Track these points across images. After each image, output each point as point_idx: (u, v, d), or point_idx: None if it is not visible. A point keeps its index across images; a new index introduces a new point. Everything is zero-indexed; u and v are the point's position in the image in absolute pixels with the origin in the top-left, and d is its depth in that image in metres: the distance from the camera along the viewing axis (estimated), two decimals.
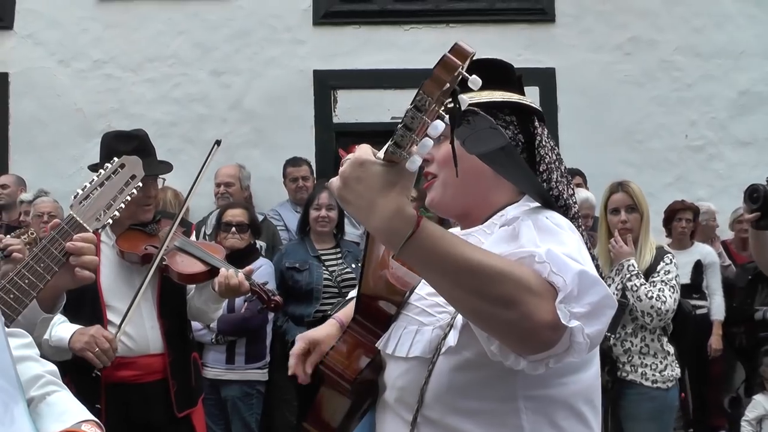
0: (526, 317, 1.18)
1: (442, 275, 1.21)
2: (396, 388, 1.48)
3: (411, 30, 6.68)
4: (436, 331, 1.42)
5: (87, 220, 1.94)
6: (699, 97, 6.76)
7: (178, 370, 3.07)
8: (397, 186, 1.18)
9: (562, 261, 1.23)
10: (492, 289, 1.18)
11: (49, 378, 1.54)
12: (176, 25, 6.63)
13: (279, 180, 6.13)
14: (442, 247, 1.20)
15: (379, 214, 1.17)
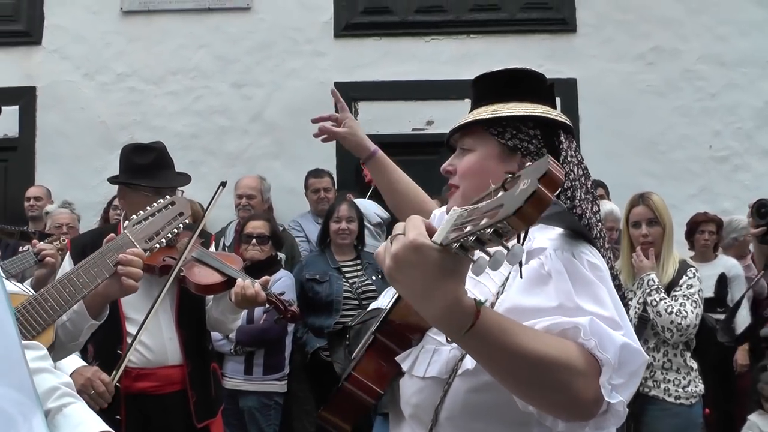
0: (574, 399, 1.21)
1: (497, 365, 1.20)
2: (411, 404, 1.47)
3: (432, 41, 6.67)
4: (453, 351, 1.40)
5: (138, 240, 2.21)
6: (723, 106, 6.67)
7: (197, 381, 3.08)
8: (455, 275, 1.11)
9: (607, 335, 1.24)
10: (545, 379, 1.19)
11: (65, 390, 1.56)
12: (198, 38, 6.68)
13: (299, 191, 6.13)
14: (500, 340, 1.16)
15: (436, 304, 1.11)
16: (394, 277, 1.13)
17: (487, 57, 6.46)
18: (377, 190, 6.38)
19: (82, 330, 2.22)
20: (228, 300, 3.06)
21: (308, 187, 5.90)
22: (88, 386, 2.69)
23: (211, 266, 3.04)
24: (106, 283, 2.12)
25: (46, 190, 6.11)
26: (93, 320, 2.20)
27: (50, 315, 2.03)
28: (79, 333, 2.22)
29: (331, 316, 4.57)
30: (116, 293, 2.19)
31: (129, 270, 2.12)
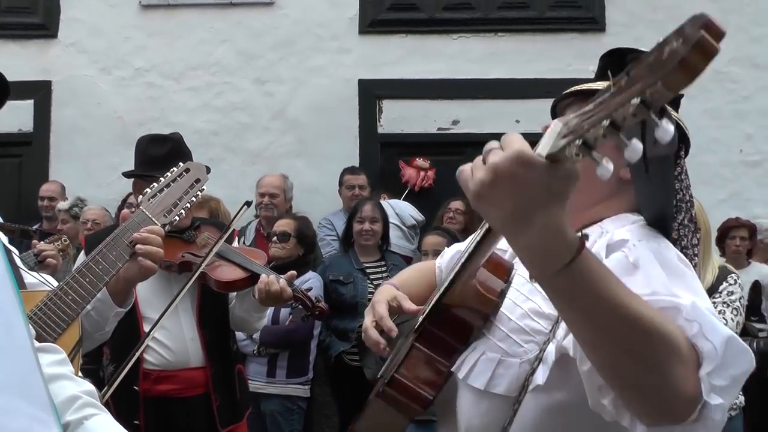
0: (669, 387, 1.00)
1: (591, 318, 1.00)
2: (472, 425, 1.30)
3: (459, 39, 6.52)
4: (524, 365, 1.24)
5: (155, 216, 2.06)
6: (756, 109, 6.50)
7: (220, 384, 2.94)
8: (561, 198, 0.94)
9: (711, 322, 1.05)
10: (642, 348, 0.99)
11: (87, 399, 1.36)
12: (219, 33, 6.57)
13: (322, 190, 6.05)
14: (600, 286, 0.98)
15: (535, 229, 0.94)
16: (486, 195, 0.94)
17: (516, 56, 6.35)
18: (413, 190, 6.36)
19: (108, 318, 2.11)
20: (252, 297, 2.89)
21: (343, 183, 5.78)
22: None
23: (234, 262, 2.89)
24: (126, 267, 1.97)
25: (60, 186, 6.01)
26: (119, 308, 2.10)
27: (73, 309, 1.87)
28: (105, 322, 2.11)
29: (356, 319, 4.43)
30: (136, 276, 2.04)
31: (147, 249, 1.98)
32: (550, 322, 1.23)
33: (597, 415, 1.19)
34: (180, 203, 2.13)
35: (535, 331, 1.25)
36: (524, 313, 1.27)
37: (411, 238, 5.32)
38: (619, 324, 0.98)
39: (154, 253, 1.99)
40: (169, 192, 2.13)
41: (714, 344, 1.03)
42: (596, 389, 1.09)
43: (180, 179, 2.17)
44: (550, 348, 1.20)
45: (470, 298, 1.33)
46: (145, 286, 2.84)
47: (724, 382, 1.03)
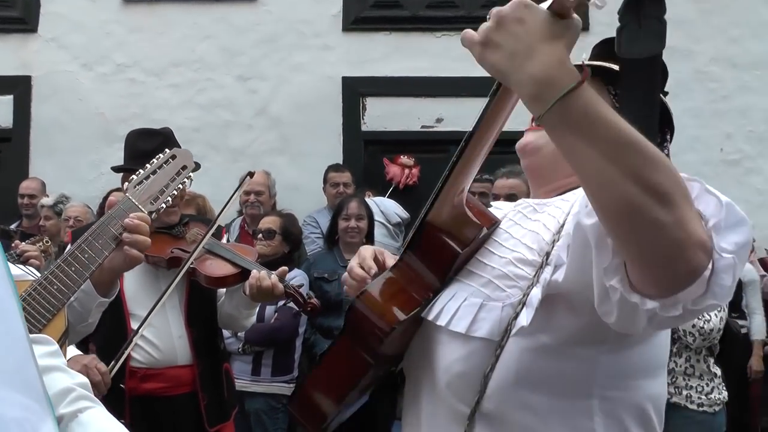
0: (681, 224, 0.98)
1: (597, 145, 1.00)
2: (452, 373, 1.26)
3: (443, 37, 6.53)
4: (506, 309, 1.22)
5: (142, 203, 2.02)
6: (735, 109, 6.58)
7: (208, 383, 2.91)
8: (563, 38, 1.03)
9: (711, 188, 1.07)
10: (651, 175, 0.98)
11: (81, 392, 1.33)
12: (202, 29, 6.53)
13: (304, 188, 6.02)
14: (603, 111, 1.01)
15: (540, 59, 1.01)
16: (492, 39, 1.05)
17: None
18: (398, 188, 6.35)
19: (91, 310, 2.06)
20: (242, 294, 2.87)
21: (327, 181, 5.76)
22: (83, 374, 2.51)
23: (224, 257, 2.86)
24: (111, 256, 1.94)
25: (40, 183, 5.94)
26: (102, 298, 2.04)
27: (59, 299, 1.83)
28: (88, 313, 2.06)
29: (340, 317, 4.37)
30: (121, 266, 2.00)
31: (134, 238, 1.94)
32: (534, 268, 1.22)
33: (581, 357, 1.21)
34: (167, 190, 2.10)
35: (519, 277, 1.23)
36: (508, 260, 1.26)
37: (396, 236, 5.32)
38: (626, 148, 1.00)
39: (140, 242, 1.96)
40: (155, 179, 2.09)
41: (719, 200, 1.05)
42: (603, 273, 1.07)
43: (166, 166, 2.13)
44: (535, 292, 1.19)
45: (455, 222, 1.29)
46: (133, 282, 2.83)
47: (728, 246, 1.03)
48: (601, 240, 1.07)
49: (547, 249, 1.22)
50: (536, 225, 1.28)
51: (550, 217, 1.28)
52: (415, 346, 1.35)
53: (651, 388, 1.28)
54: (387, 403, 1.46)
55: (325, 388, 1.32)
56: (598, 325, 1.17)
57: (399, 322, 1.24)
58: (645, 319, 1.07)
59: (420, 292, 1.29)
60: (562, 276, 1.16)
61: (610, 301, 1.08)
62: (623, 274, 1.06)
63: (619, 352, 1.23)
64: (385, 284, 1.31)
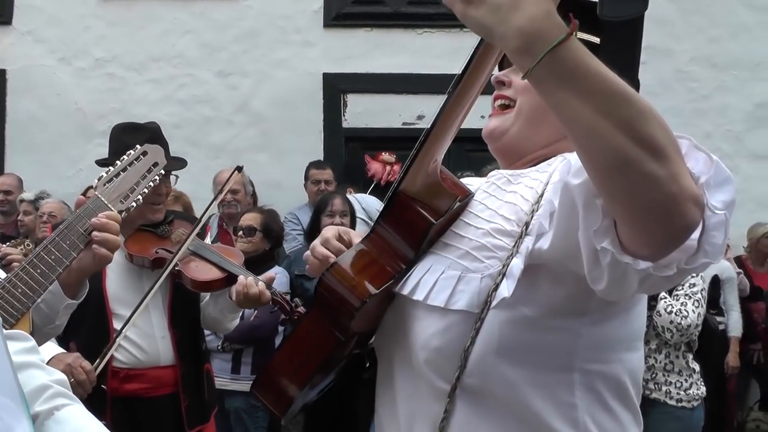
0: (674, 177, 0.96)
1: (588, 98, 0.97)
2: (430, 348, 1.22)
3: (424, 34, 6.53)
4: (485, 280, 1.19)
5: (112, 201, 1.98)
6: (714, 108, 6.65)
7: (189, 384, 2.88)
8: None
9: (700, 145, 1.06)
10: (643, 127, 0.96)
11: (58, 389, 1.30)
12: (182, 24, 6.47)
13: (285, 185, 5.99)
14: (593, 63, 0.97)
15: (526, 11, 0.97)
16: None
17: None
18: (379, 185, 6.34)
19: (59, 311, 1.99)
20: (227, 298, 2.85)
21: (308, 178, 5.73)
22: (67, 373, 2.41)
23: (210, 261, 2.83)
24: (79, 257, 1.88)
25: (17, 179, 5.84)
26: (70, 299, 1.98)
27: (23, 303, 1.77)
28: (55, 315, 1.99)
29: None
30: (90, 266, 1.95)
31: (104, 237, 1.89)
32: (513, 238, 1.19)
33: (563, 329, 1.19)
34: (137, 188, 2.05)
35: (497, 247, 1.20)
36: (485, 231, 1.23)
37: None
38: (617, 100, 0.97)
39: (110, 241, 1.91)
40: (125, 176, 2.04)
41: (709, 156, 1.04)
42: (593, 235, 1.05)
43: (137, 163, 2.07)
44: (516, 262, 1.17)
45: (427, 186, 1.25)
46: (116, 282, 2.80)
47: (717, 204, 1.02)
48: (590, 201, 1.05)
49: (526, 219, 1.20)
50: (512, 196, 1.26)
51: (527, 187, 1.26)
52: (387, 322, 1.32)
53: (630, 362, 1.27)
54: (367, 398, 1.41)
55: (291, 368, 1.26)
56: (580, 296, 1.17)
57: (371, 296, 1.20)
58: (636, 282, 1.05)
59: (393, 265, 1.24)
60: (548, 243, 1.14)
61: (599, 265, 1.06)
62: (614, 235, 1.04)
63: (600, 324, 1.22)
64: (357, 256, 1.26)
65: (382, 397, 1.36)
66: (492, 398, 1.21)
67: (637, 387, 1.30)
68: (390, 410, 1.33)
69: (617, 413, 1.26)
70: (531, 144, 1.37)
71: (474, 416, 1.22)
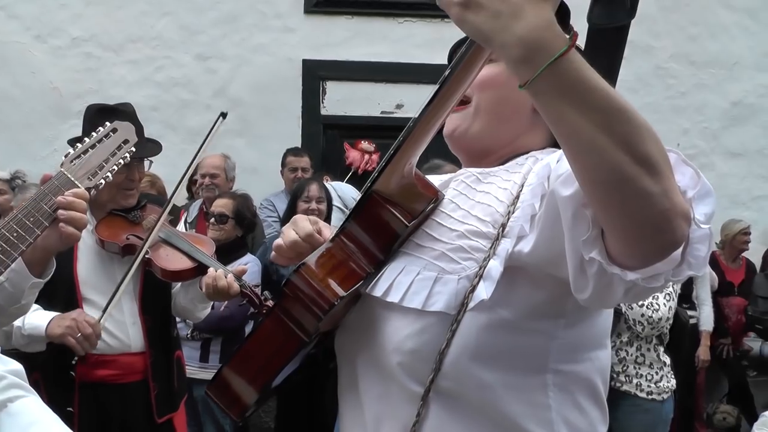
0: (667, 193, 0.96)
1: (588, 113, 0.95)
2: (404, 350, 1.20)
3: (405, 23, 6.50)
4: (462, 281, 1.17)
5: (79, 178, 1.91)
6: (692, 105, 6.71)
7: (159, 371, 2.86)
8: (550, 2, 0.97)
9: (686, 159, 1.05)
10: (640, 144, 0.95)
11: (13, 380, 1.24)
12: (162, 5, 6.37)
13: (262, 171, 5.95)
14: (593, 77, 0.95)
15: (528, 21, 0.94)
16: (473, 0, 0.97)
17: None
18: (357, 173, 6.30)
19: (24, 290, 1.93)
20: (198, 288, 2.83)
21: (285, 165, 5.68)
22: (74, 328, 2.47)
23: (180, 249, 2.80)
24: (44, 234, 1.81)
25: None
26: (36, 278, 1.92)
27: None
28: (21, 294, 1.93)
29: None
30: (55, 245, 1.88)
31: (70, 215, 1.82)
32: (489, 240, 1.19)
33: (538, 331, 1.19)
34: (106, 165, 1.99)
35: (474, 249, 1.19)
36: (460, 233, 1.21)
37: None
38: (616, 115, 0.96)
39: (77, 219, 1.85)
40: (94, 153, 1.98)
41: (695, 171, 1.04)
42: (581, 245, 1.04)
43: (106, 140, 2.02)
44: (493, 263, 1.16)
45: (402, 187, 1.23)
46: (85, 266, 2.76)
47: (700, 217, 1.02)
48: (579, 210, 1.04)
49: (501, 221, 1.19)
50: (484, 196, 1.25)
51: (500, 189, 1.24)
52: (350, 322, 1.30)
53: (599, 359, 1.28)
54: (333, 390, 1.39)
55: (250, 371, 1.23)
56: (558, 299, 1.17)
57: (340, 298, 1.17)
58: (622, 291, 1.05)
59: (362, 266, 1.23)
60: (529, 247, 1.13)
61: (585, 274, 1.05)
62: (602, 245, 1.03)
63: (575, 326, 1.22)
64: (325, 257, 1.22)
65: (346, 399, 1.34)
66: (466, 401, 1.21)
67: (606, 384, 1.31)
68: (355, 412, 1.31)
69: (587, 411, 1.26)
70: (494, 141, 1.36)
71: (447, 419, 1.21)
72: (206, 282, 2.70)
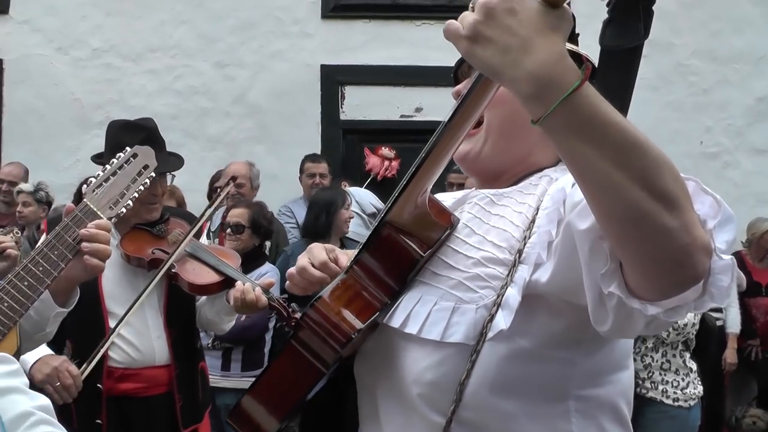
0: (687, 228, 0.93)
1: (603, 149, 0.93)
2: (423, 382, 1.18)
3: (423, 26, 6.48)
4: (480, 311, 1.15)
5: (101, 208, 1.91)
6: (715, 102, 6.61)
7: (184, 384, 2.88)
8: (559, 30, 0.94)
9: (706, 187, 1.02)
10: (658, 179, 0.92)
11: (41, 416, 1.24)
12: (179, 14, 6.41)
13: (282, 177, 5.96)
14: (608, 111, 0.93)
15: (539, 55, 0.92)
16: (481, 33, 0.94)
17: None
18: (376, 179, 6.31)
19: (48, 319, 1.94)
20: (224, 301, 2.84)
21: (304, 171, 5.70)
22: (53, 377, 2.49)
23: (207, 263, 2.81)
24: (69, 266, 1.82)
25: (23, 170, 5.71)
26: (60, 308, 1.93)
27: (10, 317, 1.72)
28: (45, 322, 1.94)
29: None
30: (80, 276, 1.90)
31: (94, 247, 1.82)
32: (507, 267, 1.16)
33: (559, 359, 1.17)
34: (127, 193, 1.98)
35: (491, 277, 1.17)
36: (477, 260, 1.19)
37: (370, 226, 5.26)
38: (633, 151, 0.93)
39: (101, 251, 1.84)
40: (114, 181, 1.96)
41: (715, 199, 1.01)
42: (600, 279, 1.02)
43: (127, 166, 2.00)
44: (510, 292, 1.14)
45: (415, 217, 1.22)
46: (111, 280, 2.79)
47: (721, 245, 0.99)
48: (597, 244, 1.01)
49: (518, 246, 1.17)
50: (499, 220, 1.23)
51: (515, 212, 1.22)
52: (368, 349, 1.28)
53: (621, 381, 1.26)
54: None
55: (269, 402, 1.24)
56: (578, 326, 1.14)
57: (357, 331, 1.17)
58: (642, 324, 1.03)
59: (378, 297, 1.22)
60: (546, 276, 1.12)
61: (605, 307, 1.03)
62: (620, 278, 1.01)
63: (595, 351, 1.21)
64: (340, 289, 1.23)
65: (368, 428, 1.32)
66: (488, 431, 1.19)
67: (629, 405, 1.29)
68: None
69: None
70: (506, 160, 1.32)
71: None
72: (235, 295, 2.71)
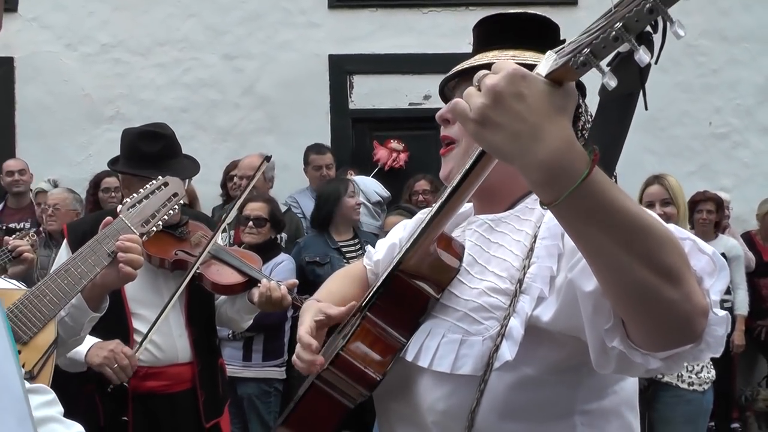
0: (688, 297, 0.99)
1: (610, 233, 0.96)
2: (436, 411, 1.25)
3: (430, 13, 6.49)
4: (486, 342, 1.21)
5: (134, 225, 2.15)
6: (724, 83, 6.60)
7: (206, 379, 2.94)
8: (566, 111, 0.95)
9: (697, 239, 1.07)
10: (662, 258, 0.97)
11: None
12: (187, 7, 6.44)
13: (293, 167, 5.98)
14: (616, 195, 0.95)
15: (549, 142, 0.92)
16: (489, 118, 0.93)
17: None
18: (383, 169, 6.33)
19: (83, 324, 2.14)
20: (245, 300, 2.91)
21: (309, 163, 5.72)
22: (111, 359, 2.60)
23: (230, 264, 2.88)
24: (103, 273, 2.05)
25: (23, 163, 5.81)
26: (93, 313, 2.14)
27: (50, 309, 1.95)
28: (80, 327, 2.14)
29: None
30: (114, 282, 2.12)
31: (129, 257, 2.05)
32: (509, 297, 1.21)
33: (563, 382, 1.22)
34: (158, 215, 2.23)
35: (494, 307, 1.22)
36: (480, 291, 1.25)
37: (376, 215, 5.31)
38: (638, 234, 0.96)
39: (135, 261, 2.07)
40: (147, 204, 2.22)
41: (710, 257, 1.05)
42: (603, 333, 1.06)
43: (159, 192, 2.27)
44: (513, 322, 1.19)
45: (429, 265, 1.28)
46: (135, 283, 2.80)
47: (716, 297, 1.04)
48: (600, 303, 1.06)
49: (518, 276, 1.22)
50: (499, 249, 1.28)
51: (514, 240, 1.27)
52: (389, 381, 1.31)
53: (625, 390, 1.30)
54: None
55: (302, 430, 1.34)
56: (580, 353, 1.18)
57: (383, 375, 1.25)
58: (643, 370, 1.09)
59: (397, 338, 1.29)
60: (549, 315, 1.17)
61: (607, 356, 1.08)
62: (623, 333, 1.06)
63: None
64: (360, 336, 1.28)
65: None
66: None
67: (634, 411, 1.33)
68: None
69: None
70: (494, 181, 1.29)
71: None
72: (261, 292, 2.78)
